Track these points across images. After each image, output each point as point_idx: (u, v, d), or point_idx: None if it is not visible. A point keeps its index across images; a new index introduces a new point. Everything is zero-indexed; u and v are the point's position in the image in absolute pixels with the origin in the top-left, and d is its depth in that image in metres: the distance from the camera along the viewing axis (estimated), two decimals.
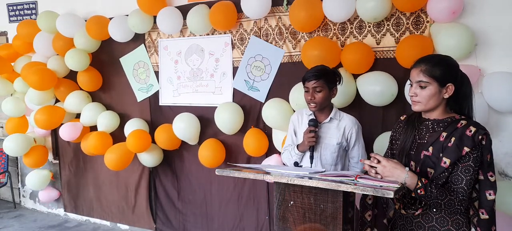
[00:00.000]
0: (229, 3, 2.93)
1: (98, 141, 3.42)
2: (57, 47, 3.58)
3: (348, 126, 2.09)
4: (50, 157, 4.20)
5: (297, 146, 2.12)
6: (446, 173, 1.42)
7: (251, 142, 2.95)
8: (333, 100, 2.28)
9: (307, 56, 2.58)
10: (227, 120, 2.98)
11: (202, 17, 2.98)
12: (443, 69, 1.44)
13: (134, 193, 3.79)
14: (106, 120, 3.55)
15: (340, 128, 2.09)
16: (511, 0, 2.24)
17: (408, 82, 1.56)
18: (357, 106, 2.63)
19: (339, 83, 2.13)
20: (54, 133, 4.10)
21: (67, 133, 3.55)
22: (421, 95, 1.48)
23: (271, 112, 2.76)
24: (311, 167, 2.04)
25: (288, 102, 2.78)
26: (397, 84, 2.47)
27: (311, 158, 2.03)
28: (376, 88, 2.46)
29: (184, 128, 3.12)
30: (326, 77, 2.03)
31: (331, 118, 2.09)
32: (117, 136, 3.59)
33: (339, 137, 2.07)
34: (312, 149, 2.03)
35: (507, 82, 2.17)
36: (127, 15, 3.30)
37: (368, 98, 2.52)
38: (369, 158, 1.50)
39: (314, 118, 2.08)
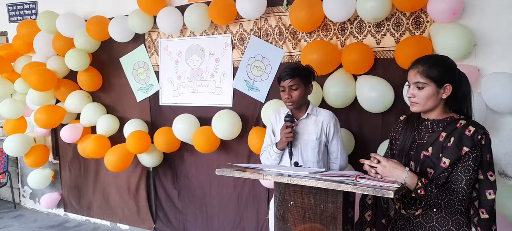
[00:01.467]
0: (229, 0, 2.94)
1: (96, 144, 3.42)
2: (57, 47, 3.58)
3: (326, 120, 2.09)
4: (50, 157, 4.20)
5: (276, 144, 2.11)
6: (445, 173, 1.42)
7: (257, 140, 2.91)
8: (334, 101, 2.28)
9: (306, 59, 2.58)
10: (226, 127, 2.97)
11: (200, 14, 2.98)
12: (440, 70, 1.44)
13: (134, 193, 3.79)
14: (105, 124, 3.56)
15: (318, 123, 2.09)
16: (511, 1, 2.25)
17: (406, 83, 1.56)
18: (358, 108, 2.64)
19: (314, 79, 2.13)
20: (54, 133, 4.10)
21: (68, 134, 3.55)
22: (419, 96, 1.48)
23: (270, 113, 2.76)
24: (291, 164, 2.02)
25: None
26: (393, 91, 2.48)
27: (290, 154, 2.02)
28: (372, 94, 2.47)
29: (183, 128, 3.12)
30: (301, 75, 2.03)
31: (308, 113, 2.10)
32: (117, 136, 3.59)
33: (317, 132, 2.07)
34: (290, 145, 2.02)
35: (505, 83, 2.17)
36: (127, 15, 3.30)
37: (365, 104, 2.53)
38: (368, 158, 1.50)
39: (290, 114, 2.08)
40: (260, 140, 2.87)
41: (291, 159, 2.03)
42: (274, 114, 2.25)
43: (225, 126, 2.96)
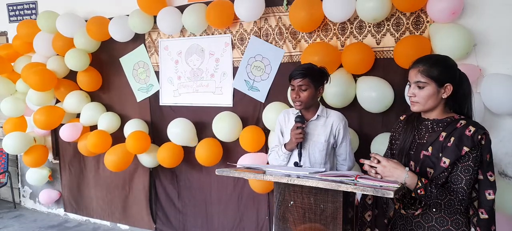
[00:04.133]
0: (226, 2, 2.93)
1: (97, 139, 3.41)
2: (57, 47, 3.58)
3: (336, 122, 2.07)
4: (50, 156, 4.20)
5: (285, 144, 2.09)
6: (445, 173, 1.42)
7: (248, 139, 2.94)
8: (333, 101, 2.26)
9: (307, 61, 2.55)
10: (226, 128, 2.98)
11: (198, 16, 2.98)
12: (441, 70, 1.45)
13: (134, 193, 3.79)
14: (107, 121, 3.56)
15: (327, 125, 2.07)
16: (511, 1, 2.25)
17: (408, 82, 1.56)
18: (357, 108, 2.63)
19: (326, 82, 2.11)
20: (54, 132, 4.10)
21: (67, 133, 3.55)
22: (420, 95, 1.48)
23: (272, 116, 2.76)
24: (295, 164, 2.01)
25: (288, 103, 2.79)
26: (393, 92, 2.48)
27: (300, 155, 2.00)
28: (373, 94, 2.47)
29: (178, 133, 3.13)
30: (312, 76, 1.99)
31: (318, 115, 2.07)
32: (117, 136, 3.59)
33: (326, 134, 2.06)
34: (300, 145, 2.00)
35: (505, 85, 2.17)
36: (127, 15, 3.30)
37: (365, 104, 2.53)
38: (368, 157, 1.50)
39: (301, 115, 2.07)
40: (253, 140, 2.91)
41: (299, 159, 2.00)
42: (282, 114, 2.23)
43: (225, 127, 2.96)
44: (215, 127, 3.02)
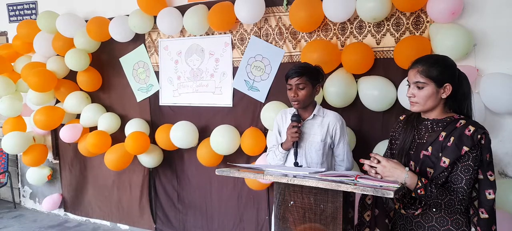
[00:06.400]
0: (228, 4, 2.93)
1: (97, 139, 3.41)
2: (57, 47, 3.58)
3: (332, 122, 2.07)
4: (50, 156, 4.20)
5: (281, 144, 2.10)
6: (445, 173, 1.42)
7: (249, 142, 2.93)
8: (334, 101, 2.26)
9: (307, 59, 2.58)
10: (225, 143, 2.97)
11: (199, 18, 2.98)
12: (440, 70, 1.45)
13: (134, 193, 3.79)
14: (107, 121, 3.56)
15: (324, 124, 2.07)
16: (510, 1, 2.25)
17: (405, 82, 1.56)
18: (358, 108, 2.64)
19: (322, 80, 2.12)
20: (54, 132, 4.10)
21: (67, 134, 3.55)
22: (419, 96, 1.48)
23: (270, 115, 2.76)
24: (295, 164, 2.01)
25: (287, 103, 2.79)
26: (396, 89, 2.48)
27: (295, 154, 2.00)
28: (375, 93, 2.47)
29: (181, 136, 3.13)
30: (309, 74, 2.01)
31: (314, 115, 2.08)
32: (117, 136, 3.59)
33: (323, 134, 2.05)
34: (296, 144, 2.01)
35: (503, 84, 2.17)
36: (128, 15, 3.30)
37: (367, 102, 2.53)
38: (368, 157, 1.50)
39: (297, 113, 2.07)
40: (255, 143, 2.90)
41: (295, 158, 2.01)
42: (280, 114, 2.23)
43: (224, 141, 2.96)
44: (213, 142, 3.01)
